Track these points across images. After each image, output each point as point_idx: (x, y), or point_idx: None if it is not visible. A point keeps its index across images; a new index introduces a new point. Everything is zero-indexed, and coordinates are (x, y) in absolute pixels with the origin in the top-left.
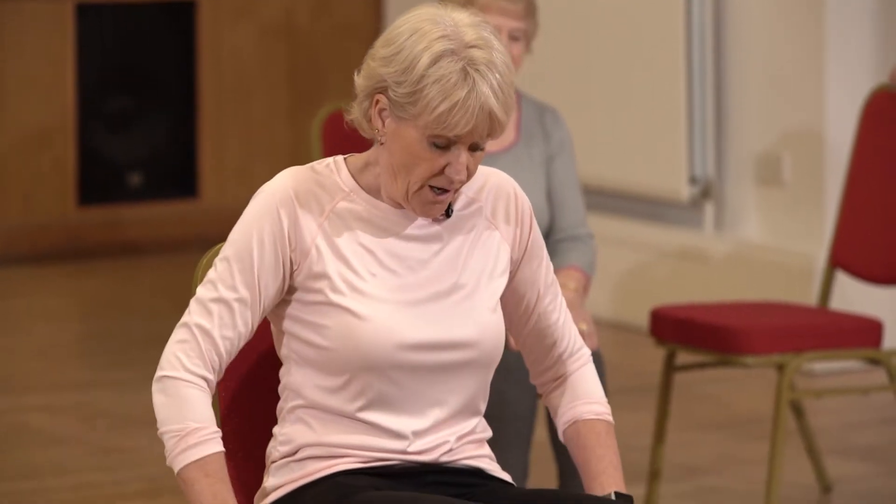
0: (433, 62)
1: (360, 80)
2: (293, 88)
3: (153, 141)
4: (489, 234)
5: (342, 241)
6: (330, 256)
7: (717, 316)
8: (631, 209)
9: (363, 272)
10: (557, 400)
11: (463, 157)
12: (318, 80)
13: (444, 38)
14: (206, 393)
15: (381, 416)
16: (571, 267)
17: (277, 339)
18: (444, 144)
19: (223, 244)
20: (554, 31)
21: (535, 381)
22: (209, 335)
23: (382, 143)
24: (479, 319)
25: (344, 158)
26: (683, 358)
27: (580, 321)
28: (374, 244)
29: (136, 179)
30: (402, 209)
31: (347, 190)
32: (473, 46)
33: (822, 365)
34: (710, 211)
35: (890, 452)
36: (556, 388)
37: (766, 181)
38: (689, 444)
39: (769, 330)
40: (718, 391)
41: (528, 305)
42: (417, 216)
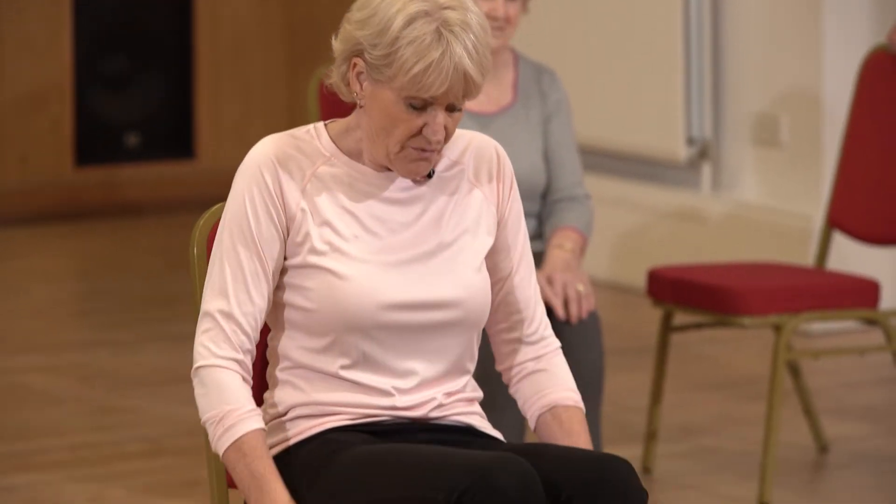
0: (407, 24)
1: (337, 43)
2: (290, 49)
3: (150, 101)
4: (472, 194)
5: (324, 204)
6: (313, 220)
7: (714, 276)
8: (628, 170)
9: (346, 234)
10: (529, 387)
11: (440, 117)
12: (315, 40)
13: None
14: (237, 374)
15: (366, 375)
16: (568, 227)
17: None
18: (420, 106)
19: (221, 205)
20: None
21: (501, 365)
22: (230, 317)
23: (362, 105)
24: (463, 279)
25: (325, 124)
26: (680, 318)
27: (577, 282)
28: (356, 207)
29: (133, 140)
30: (383, 172)
31: (328, 155)
32: (447, 8)
33: (819, 325)
34: (707, 172)
35: (886, 412)
36: (526, 374)
37: (763, 142)
38: (685, 404)
39: (766, 290)
40: (715, 351)
41: (501, 275)
42: (401, 177)
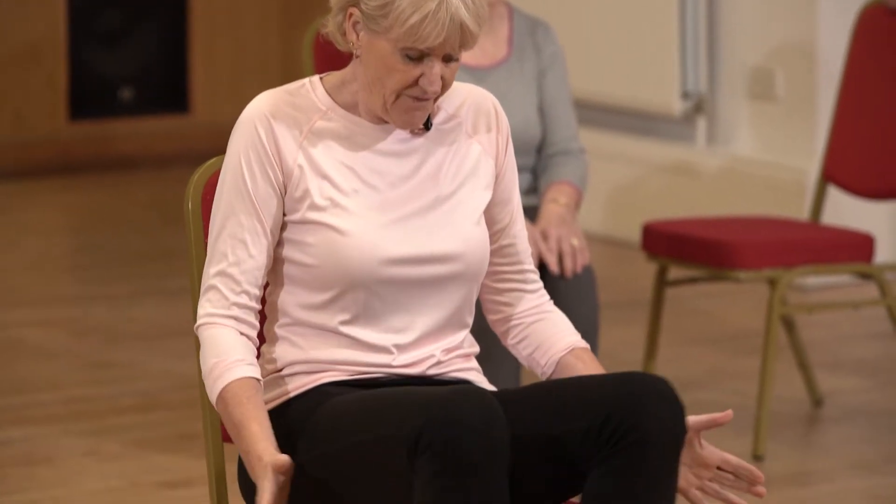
0: None
1: None
2: (285, 2)
3: (144, 56)
4: (470, 146)
5: (322, 159)
6: (311, 175)
7: (708, 231)
8: (623, 124)
9: (345, 189)
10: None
11: (436, 68)
12: None
13: None
14: (231, 329)
15: (366, 330)
16: (563, 181)
17: None
18: (416, 56)
19: (216, 159)
20: None
21: (496, 316)
22: (228, 276)
23: (358, 55)
24: (462, 232)
25: (320, 77)
26: (675, 273)
27: (572, 236)
28: (354, 161)
29: (127, 94)
30: (380, 124)
31: (324, 108)
32: None
33: (813, 279)
34: (702, 126)
35: (880, 366)
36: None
37: (758, 96)
38: (680, 358)
39: (761, 244)
40: (710, 306)
41: (498, 227)
42: (398, 128)
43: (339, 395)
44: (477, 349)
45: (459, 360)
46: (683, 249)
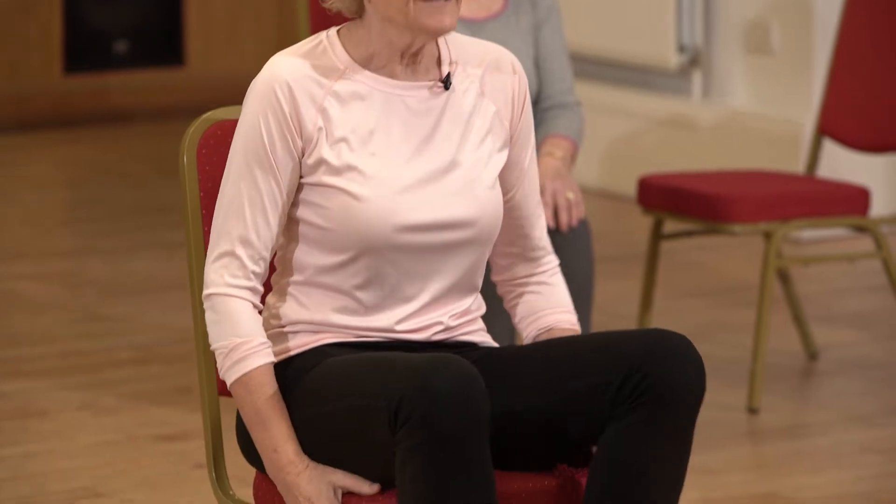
0: None
1: None
2: None
3: (139, 8)
4: (487, 108)
5: (340, 122)
6: (329, 139)
7: (704, 184)
8: (619, 77)
9: (362, 152)
10: (527, 305)
11: None
12: None
13: None
14: (249, 303)
15: (376, 295)
16: (559, 135)
17: None
18: None
19: (211, 112)
20: None
21: (497, 277)
22: (247, 242)
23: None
24: (478, 197)
25: (336, 31)
26: (671, 226)
27: (567, 190)
28: (373, 123)
29: (122, 47)
30: (399, 81)
31: (343, 67)
32: None
33: (808, 233)
34: (697, 79)
35: (876, 319)
36: (525, 290)
37: (754, 49)
38: (675, 311)
39: (756, 198)
40: (705, 259)
41: (506, 189)
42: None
43: (335, 355)
44: (484, 309)
45: (467, 324)
46: (679, 203)
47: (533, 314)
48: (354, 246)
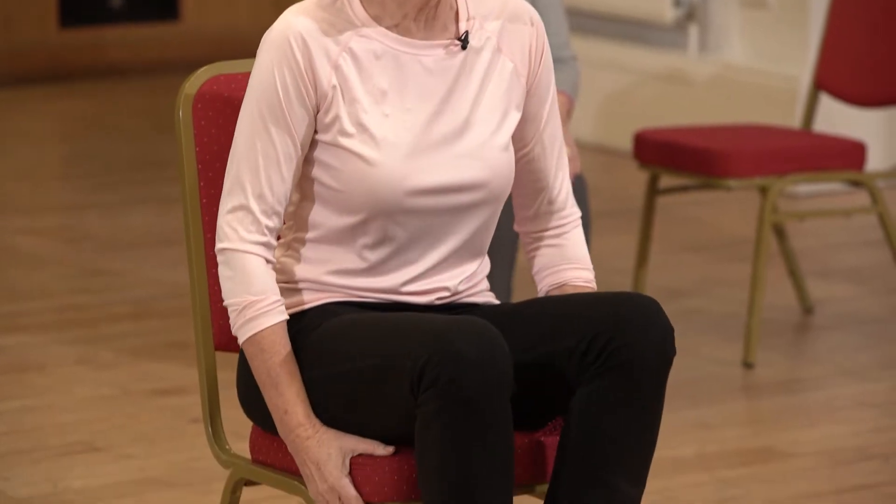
0: None
1: None
2: None
3: None
4: (504, 66)
5: (355, 81)
6: (343, 98)
7: (700, 139)
8: (615, 31)
9: (376, 114)
10: (544, 258)
11: None
12: None
13: None
14: (262, 259)
15: (384, 256)
16: None
17: None
18: None
19: (206, 67)
20: None
21: (519, 228)
22: (261, 197)
23: None
24: (490, 159)
25: None
26: (666, 181)
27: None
28: (388, 82)
29: (118, 2)
30: (415, 40)
31: (359, 24)
32: None
33: (805, 187)
34: (694, 33)
35: (871, 274)
36: (542, 244)
37: (750, 3)
38: (671, 266)
39: (752, 152)
40: (701, 214)
41: (524, 143)
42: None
43: (344, 314)
44: (488, 269)
45: (471, 288)
46: (675, 157)
47: (548, 268)
48: (366, 208)
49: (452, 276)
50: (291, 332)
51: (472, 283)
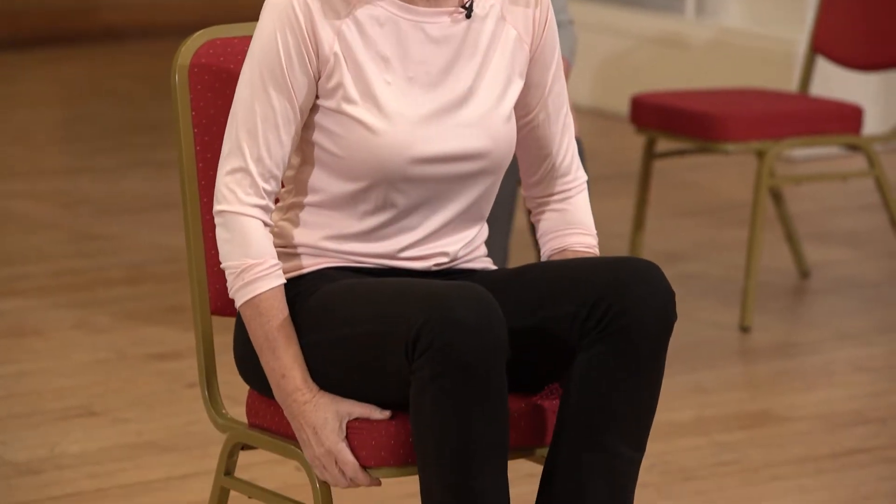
0: None
1: None
2: None
3: None
4: (507, 34)
5: (358, 48)
6: (346, 65)
7: (697, 103)
8: None
9: (378, 81)
10: (548, 222)
11: None
12: None
13: None
14: (260, 222)
15: (383, 221)
16: None
17: None
18: None
19: (202, 32)
20: None
21: (526, 192)
22: (259, 160)
23: None
24: (492, 129)
25: None
26: (663, 145)
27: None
28: (391, 50)
29: None
30: (420, 8)
31: None
32: None
33: (801, 151)
34: None
35: (868, 238)
36: (546, 208)
37: None
38: (668, 230)
39: (749, 116)
40: (698, 178)
41: (528, 110)
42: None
43: (342, 279)
44: (486, 234)
45: (469, 253)
46: (672, 121)
47: (551, 232)
48: (367, 176)
49: (452, 241)
50: (289, 296)
51: (471, 248)
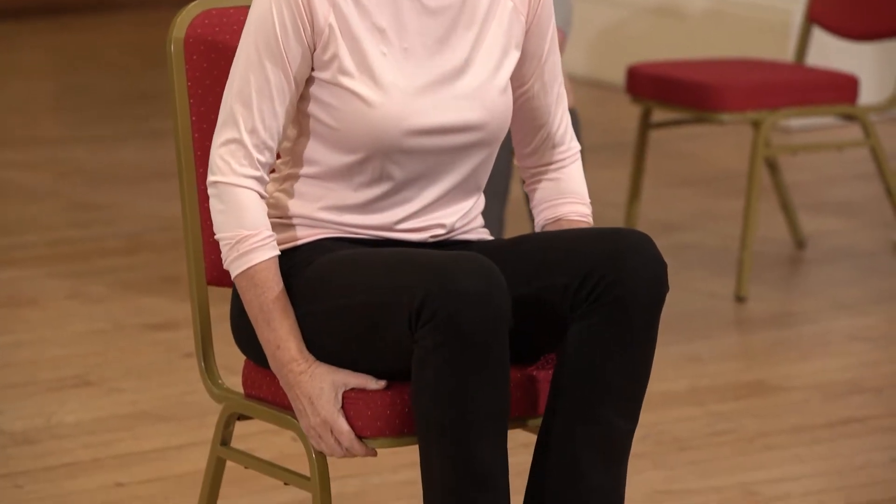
0: None
1: None
2: None
3: None
4: (504, 5)
5: (353, 20)
6: (341, 37)
7: (693, 72)
8: None
9: (374, 52)
10: (542, 192)
11: None
12: None
13: None
14: (255, 193)
15: (379, 193)
16: None
17: None
18: None
19: (197, 2)
20: None
21: (520, 162)
22: (254, 131)
23: None
24: (488, 101)
25: None
26: (659, 115)
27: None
28: (387, 21)
29: None
30: None
31: None
32: None
33: (797, 121)
34: None
35: (863, 207)
36: (541, 178)
37: None
38: (664, 200)
39: (745, 86)
40: (694, 148)
41: (522, 81)
42: None
43: (339, 250)
44: (483, 205)
45: (466, 224)
46: (668, 91)
47: (545, 202)
48: (363, 148)
49: (449, 213)
50: (284, 267)
51: (467, 219)
